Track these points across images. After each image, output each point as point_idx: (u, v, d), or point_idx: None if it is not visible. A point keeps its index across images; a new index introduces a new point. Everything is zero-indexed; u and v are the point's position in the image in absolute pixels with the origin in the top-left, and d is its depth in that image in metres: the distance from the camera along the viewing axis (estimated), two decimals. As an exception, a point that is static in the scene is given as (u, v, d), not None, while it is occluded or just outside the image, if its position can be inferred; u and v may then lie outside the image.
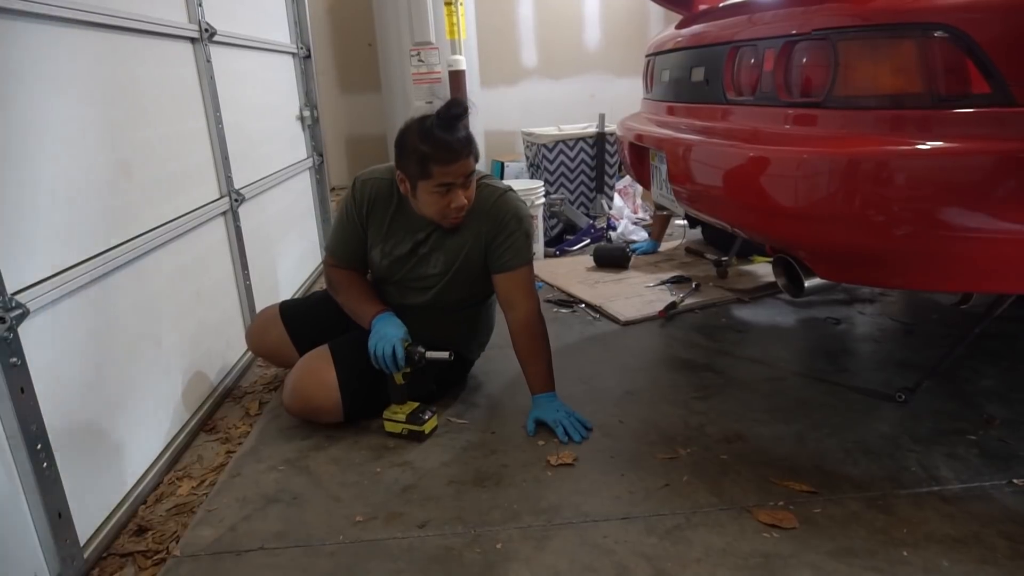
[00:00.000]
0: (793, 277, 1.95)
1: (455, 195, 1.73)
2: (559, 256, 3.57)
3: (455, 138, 1.68)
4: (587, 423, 1.81)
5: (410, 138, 1.70)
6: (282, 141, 3.02)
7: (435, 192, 1.72)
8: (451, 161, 1.68)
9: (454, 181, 1.71)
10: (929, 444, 1.67)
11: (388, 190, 1.89)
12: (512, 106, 5.59)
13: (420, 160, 1.68)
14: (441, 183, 1.70)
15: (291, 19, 3.24)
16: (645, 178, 2.38)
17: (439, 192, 1.72)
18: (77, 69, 1.50)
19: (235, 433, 1.92)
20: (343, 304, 1.95)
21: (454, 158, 1.68)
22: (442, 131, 1.67)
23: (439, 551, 1.39)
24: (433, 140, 1.66)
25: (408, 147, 1.70)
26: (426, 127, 1.68)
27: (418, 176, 1.71)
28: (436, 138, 1.66)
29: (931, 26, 1.33)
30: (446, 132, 1.67)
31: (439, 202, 1.74)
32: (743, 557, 1.33)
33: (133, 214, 1.68)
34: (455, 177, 1.70)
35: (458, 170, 1.70)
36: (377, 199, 1.89)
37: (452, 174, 1.69)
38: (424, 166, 1.68)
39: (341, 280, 1.96)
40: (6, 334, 1.18)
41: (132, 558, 1.44)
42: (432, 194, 1.72)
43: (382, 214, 1.90)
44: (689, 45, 2.11)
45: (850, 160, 1.39)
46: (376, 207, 1.89)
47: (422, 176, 1.70)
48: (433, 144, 1.66)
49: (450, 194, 1.72)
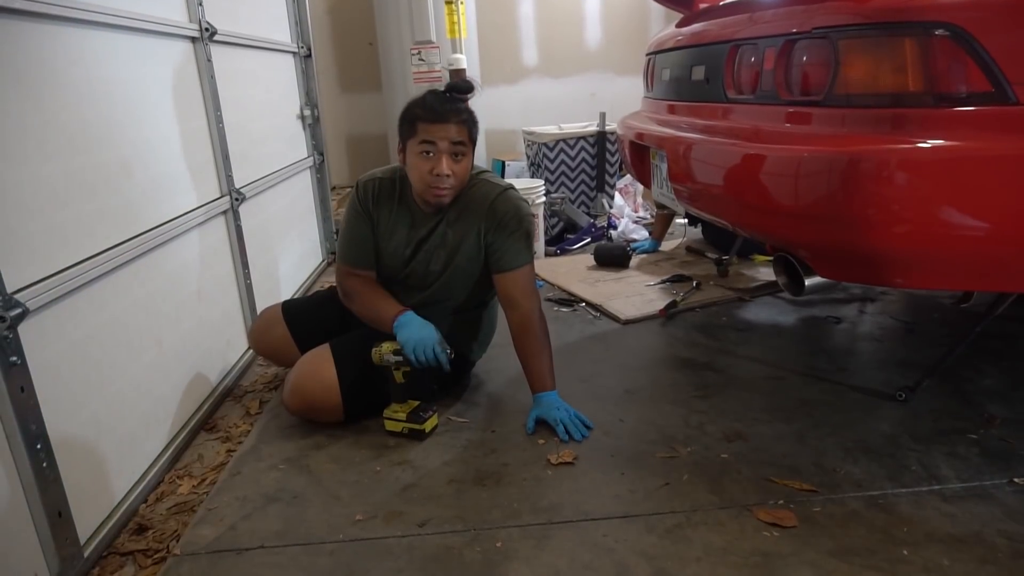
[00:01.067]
0: (793, 276, 1.95)
1: (438, 161, 1.74)
2: (560, 255, 3.57)
3: (446, 104, 1.76)
4: (587, 422, 1.81)
5: (410, 105, 1.79)
6: (282, 140, 3.02)
7: (419, 155, 1.75)
8: (435, 120, 1.72)
9: (436, 142, 1.73)
10: (929, 443, 1.67)
11: (390, 188, 1.91)
12: (513, 105, 5.59)
13: (410, 120, 1.76)
14: (424, 140, 1.73)
15: (292, 18, 3.24)
16: (646, 177, 2.38)
17: (423, 154, 1.75)
18: (77, 68, 1.50)
19: (235, 432, 1.92)
20: (359, 312, 1.92)
21: (439, 119, 1.73)
22: (437, 98, 1.77)
23: (439, 550, 1.39)
24: (425, 103, 1.76)
25: (405, 112, 1.79)
26: (426, 95, 1.79)
27: (407, 136, 1.78)
28: (428, 100, 1.76)
29: (932, 24, 1.33)
30: (441, 99, 1.76)
31: (423, 166, 1.76)
32: (743, 556, 1.33)
33: (133, 213, 1.68)
34: (438, 138, 1.73)
35: (441, 132, 1.73)
36: (381, 196, 1.91)
37: (435, 133, 1.73)
38: (412, 124, 1.76)
39: (356, 287, 1.93)
40: (6, 333, 1.18)
41: (132, 557, 1.44)
42: (417, 155, 1.76)
43: (387, 212, 1.91)
44: (690, 44, 2.11)
45: (850, 159, 1.39)
46: (381, 204, 1.91)
47: (410, 135, 1.77)
48: (423, 105, 1.75)
49: (433, 159, 1.74)
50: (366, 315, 1.90)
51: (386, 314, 1.83)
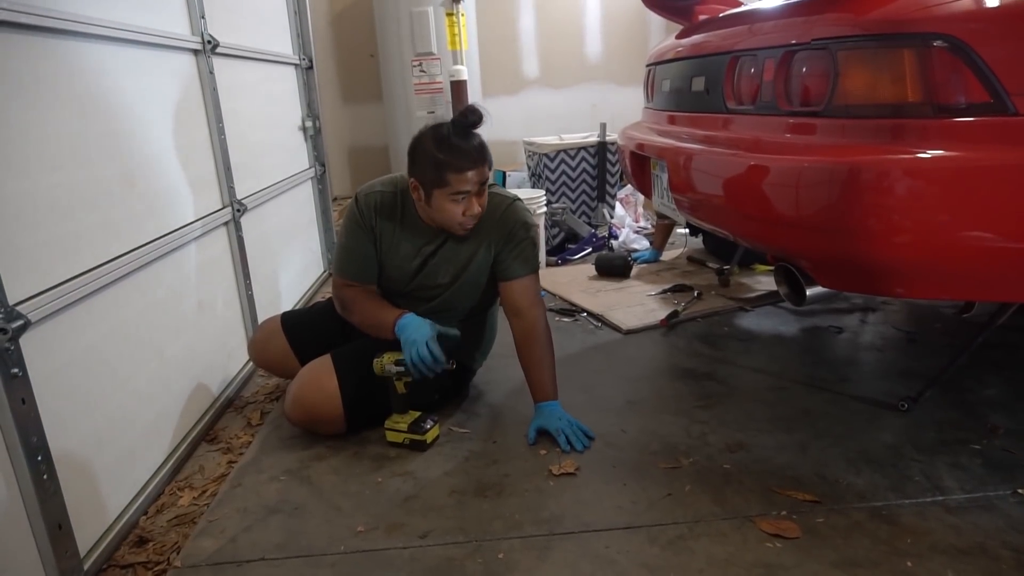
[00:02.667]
0: (795, 286, 1.95)
1: (470, 203, 1.73)
2: (561, 265, 3.57)
3: (471, 146, 1.69)
4: (589, 432, 1.81)
5: (425, 145, 1.70)
6: (284, 152, 3.03)
7: (450, 200, 1.72)
8: (467, 169, 1.68)
9: (470, 189, 1.71)
10: (933, 454, 1.66)
11: (392, 201, 1.88)
12: (514, 116, 5.61)
13: (436, 167, 1.68)
14: (457, 191, 1.70)
15: (293, 30, 3.25)
16: (646, 187, 2.38)
17: (454, 200, 1.72)
18: (80, 81, 1.51)
19: (236, 443, 1.92)
20: (359, 323, 1.89)
21: (470, 166, 1.68)
22: (458, 139, 1.68)
23: (440, 561, 1.39)
24: (449, 147, 1.67)
25: (423, 154, 1.70)
26: (442, 134, 1.69)
27: (433, 184, 1.71)
28: (452, 145, 1.67)
29: (930, 36, 1.34)
30: (462, 140, 1.68)
31: (454, 210, 1.73)
32: (746, 567, 1.32)
33: (135, 225, 1.68)
34: (471, 185, 1.70)
35: (474, 178, 1.70)
36: (382, 210, 1.88)
37: (468, 182, 1.69)
38: (440, 173, 1.68)
39: (353, 298, 1.90)
40: (7, 345, 1.18)
41: (133, 569, 1.44)
42: (447, 201, 1.72)
43: (389, 226, 1.89)
44: (690, 55, 2.12)
45: (850, 169, 1.39)
46: (383, 219, 1.88)
47: (438, 184, 1.70)
48: (449, 152, 1.67)
49: (465, 202, 1.73)
50: (365, 324, 1.88)
51: (386, 320, 1.81)
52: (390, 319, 1.80)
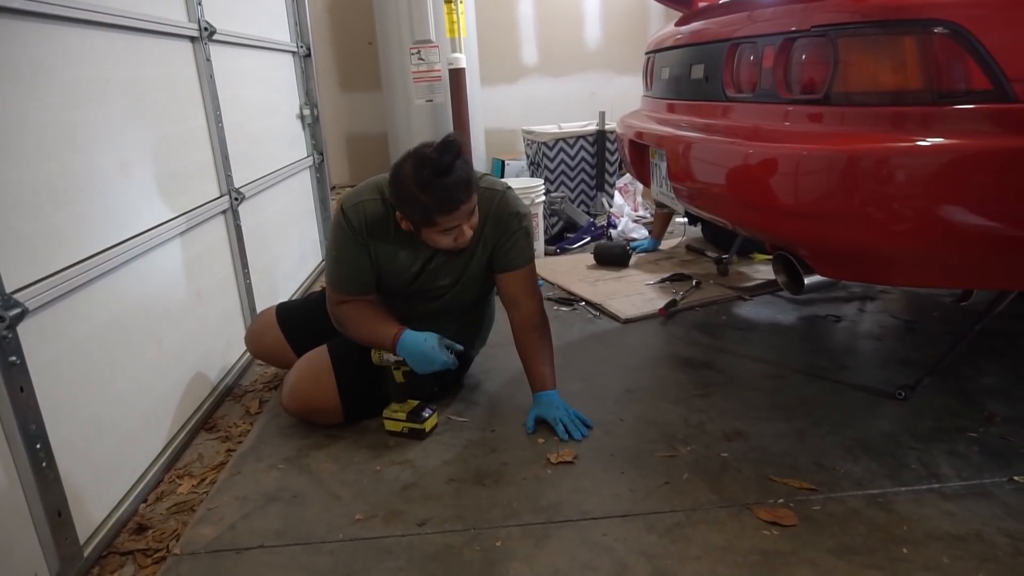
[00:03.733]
0: (793, 274, 1.95)
1: (461, 232, 1.69)
2: (560, 254, 3.57)
3: (455, 185, 1.60)
4: (587, 421, 1.81)
5: (408, 187, 1.62)
6: (282, 140, 3.02)
7: (441, 234, 1.68)
8: (454, 210, 1.63)
9: (461, 223, 1.67)
10: (930, 441, 1.67)
11: (382, 213, 1.77)
12: (512, 104, 5.59)
13: (423, 210, 1.63)
14: (447, 228, 1.66)
15: (291, 18, 3.23)
16: (645, 176, 2.38)
17: (445, 234, 1.68)
18: (77, 68, 1.50)
19: (235, 432, 1.92)
20: (354, 338, 1.83)
21: (456, 207, 1.62)
22: (441, 178, 1.58)
23: (439, 549, 1.39)
24: (433, 191, 1.59)
25: (407, 195, 1.63)
26: (424, 178, 1.58)
27: (422, 224, 1.66)
28: (436, 188, 1.59)
29: (931, 22, 1.33)
30: (445, 178, 1.59)
31: (445, 240, 1.70)
32: (743, 555, 1.33)
33: (133, 213, 1.68)
34: (461, 220, 1.67)
35: (461, 215, 1.66)
36: (373, 222, 1.77)
37: (457, 219, 1.65)
38: (427, 216, 1.63)
39: (349, 314, 1.82)
40: (5, 333, 1.18)
41: (132, 556, 1.44)
42: (438, 235, 1.68)
43: (383, 236, 1.79)
44: (689, 42, 2.11)
45: (850, 157, 1.39)
46: (375, 230, 1.78)
47: (426, 224, 1.66)
48: (434, 195, 1.59)
49: (456, 231, 1.69)
50: (362, 337, 1.81)
51: (384, 339, 1.76)
52: (388, 338, 1.75)
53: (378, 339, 1.78)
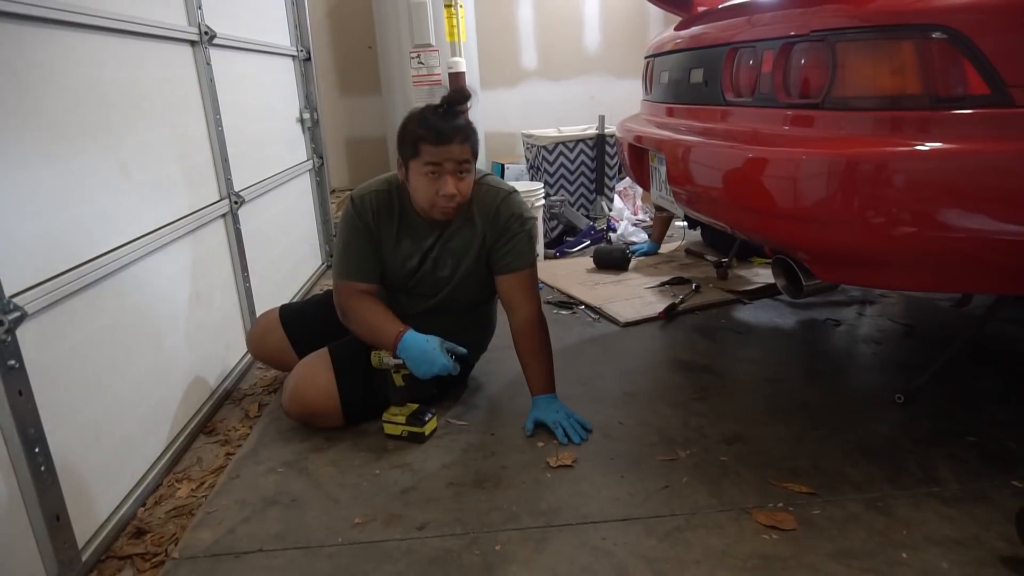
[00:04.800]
0: (792, 278, 1.95)
1: (444, 182, 1.72)
2: (559, 258, 3.57)
3: (449, 123, 1.71)
4: (587, 424, 1.81)
5: (409, 123, 1.75)
6: (282, 143, 3.02)
7: (424, 174, 1.72)
8: (440, 142, 1.69)
9: (442, 163, 1.71)
10: (928, 445, 1.67)
11: (388, 200, 1.87)
12: (512, 108, 5.60)
13: (413, 141, 1.72)
14: (429, 162, 1.71)
15: (291, 22, 3.24)
16: (644, 179, 2.38)
17: (428, 175, 1.72)
18: (77, 71, 1.50)
19: (234, 435, 1.92)
20: (358, 332, 1.85)
21: (444, 140, 1.69)
22: (437, 116, 1.71)
23: (438, 553, 1.39)
24: (427, 122, 1.70)
25: (405, 130, 1.75)
26: (425, 112, 1.73)
27: (410, 156, 1.74)
28: (430, 121, 1.71)
29: (929, 27, 1.33)
30: (441, 117, 1.71)
31: (429, 187, 1.74)
32: (742, 559, 1.32)
33: (132, 217, 1.68)
34: (443, 159, 1.71)
35: (446, 153, 1.70)
36: (380, 210, 1.86)
37: (440, 155, 1.70)
38: (415, 146, 1.71)
39: (356, 307, 1.84)
40: (4, 337, 1.18)
41: (131, 560, 1.44)
42: (422, 176, 1.73)
43: (388, 226, 1.87)
44: (688, 47, 2.11)
45: (849, 161, 1.39)
46: (381, 219, 1.86)
47: (412, 155, 1.73)
48: (426, 126, 1.70)
49: (440, 180, 1.72)
50: (364, 331, 1.83)
51: (387, 337, 1.77)
52: (390, 338, 1.76)
53: (381, 335, 1.79)
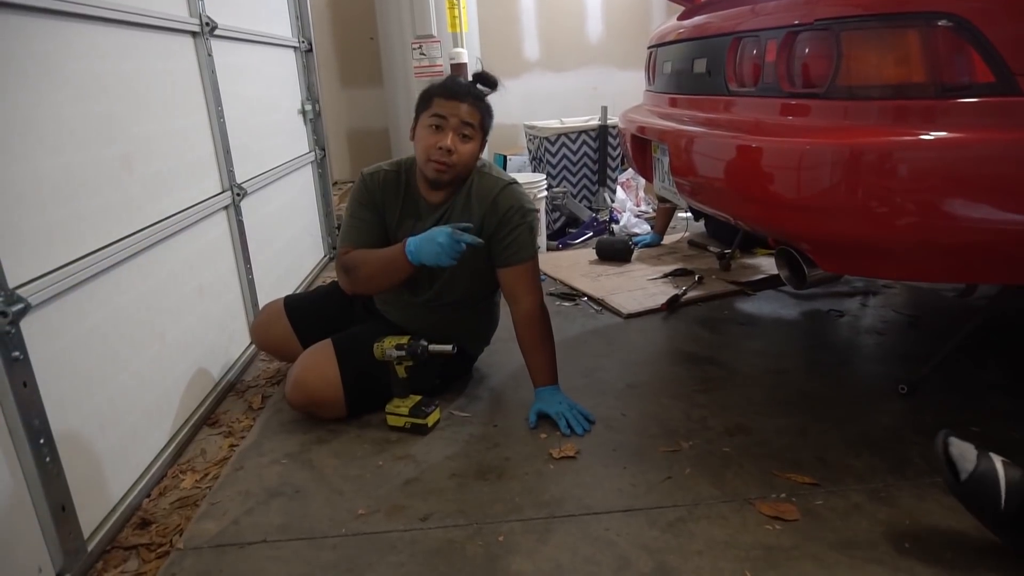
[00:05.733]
0: (796, 269, 1.95)
1: (444, 135, 1.76)
2: (562, 249, 3.56)
3: (465, 84, 1.82)
4: (589, 416, 1.81)
5: (431, 84, 1.86)
6: (284, 135, 3.01)
7: (428, 126, 1.78)
8: (450, 97, 1.77)
9: (448, 117, 1.76)
10: (931, 436, 1.64)
11: (395, 179, 1.92)
12: (514, 99, 5.57)
13: (427, 96, 1.82)
14: (435, 114, 1.77)
15: (292, 13, 3.23)
16: (647, 170, 2.37)
17: (431, 126, 1.77)
18: (78, 63, 1.49)
19: (238, 427, 1.93)
20: (367, 275, 1.83)
21: (455, 95, 1.77)
22: (458, 80, 1.84)
23: (441, 544, 1.40)
24: (446, 81, 1.84)
25: (425, 90, 1.85)
26: (449, 76, 1.88)
27: (421, 109, 1.82)
28: (448, 80, 1.84)
29: (935, 15, 1.32)
30: (461, 81, 1.83)
31: (429, 138, 1.78)
32: (745, 549, 1.33)
33: (135, 208, 1.68)
34: (449, 113, 1.76)
35: (454, 108, 1.76)
36: (386, 187, 1.91)
37: (447, 109, 1.76)
38: (428, 99, 1.81)
39: (355, 256, 1.85)
40: (8, 329, 1.18)
41: (136, 551, 1.45)
42: (425, 128, 1.79)
43: (393, 203, 1.91)
44: (691, 36, 2.10)
45: (853, 151, 1.38)
46: (387, 195, 1.91)
47: (424, 108, 1.81)
48: (444, 83, 1.83)
49: (440, 132, 1.77)
50: (375, 272, 1.82)
51: (394, 253, 1.77)
52: (397, 251, 1.76)
53: (389, 258, 1.79)
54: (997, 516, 1.21)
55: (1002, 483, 1.21)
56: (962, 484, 1.24)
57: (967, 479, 1.24)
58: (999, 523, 1.21)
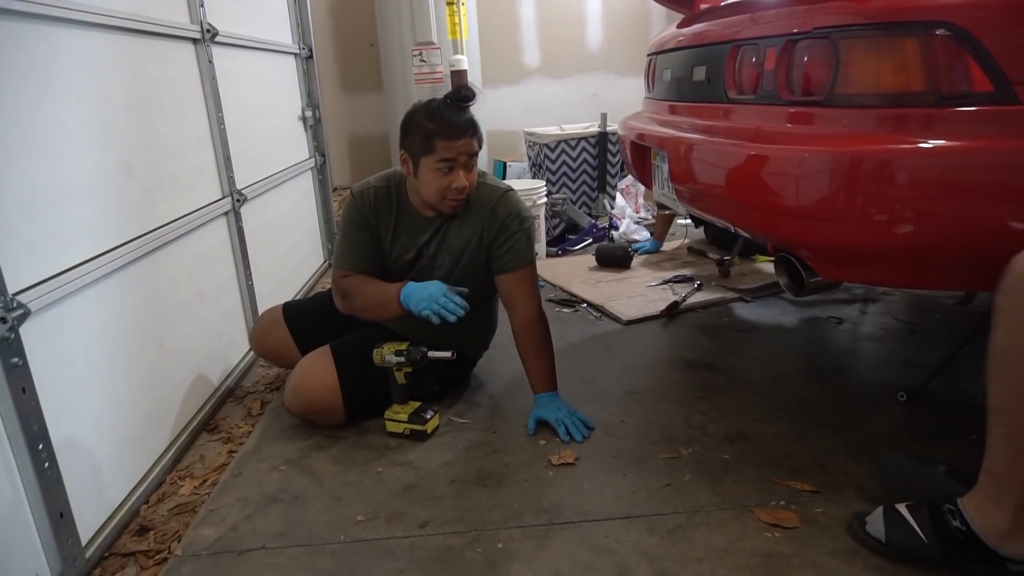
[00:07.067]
0: (795, 276, 1.95)
1: (456, 175, 1.74)
2: (561, 256, 3.57)
3: (461, 118, 1.73)
4: (589, 422, 1.81)
5: (416, 117, 1.76)
6: (284, 141, 3.02)
7: (437, 169, 1.74)
8: (455, 137, 1.71)
9: (456, 158, 1.72)
10: (931, 443, 1.66)
11: (386, 195, 1.89)
12: (514, 106, 5.59)
13: (425, 136, 1.72)
14: (443, 159, 1.72)
15: (293, 20, 3.24)
16: (647, 177, 2.38)
17: (441, 169, 1.73)
18: (79, 70, 1.50)
19: (237, 433, 1.92)
20: (360, 307, 1.87)
21: (458, 134, 1.71)
22: (448, 111, 1.73)
23: (440, 550, 1.39)
24: (439, 117, 1.72)
25: (414, 125, 1.75)
26: (433, 106, 1.74)
27: (421, 152, 1.74)
28: (442, 115, 1.72)
29: (933, 24, 1.32)
30: (452, 112, 1.73)
31: (440, 181, 1.75)
32: (744, 556, 1.32)
33: (135, 214, 1.68)
34: (457, 154, 1.72)
35: (461, 147, 1.72)
36: (379, 204, 1.89)
37: (455, 150, 1.72)
38: (428, 141, 1.72)
39: (352, 284, 1.87)
40: (7, 334, 1.18)
41: (134, 558, 1.45)
42: (434, 171, 1.74)
43: (386, 220, 1.89)
44: (691, 44, 2.11)
45: (852, 159, 1.39)
46: (380, 213, 1.89)
47: (425, 152, 1.73)
48: (439, 121, 1.71)
49: (452, 174, 1.74)
50: (368, 306, 1.86)
51: (389, 293, 1.79)
52: (393, 291, 1.79)
53: (384, 296, 1.81)
54: (932, 552, 1.24)
55: (913, 524, 1.27)
56: (888, 545, 1.29)
57: (887, 541, 1.29)
58: (940, 556, 1.24)
